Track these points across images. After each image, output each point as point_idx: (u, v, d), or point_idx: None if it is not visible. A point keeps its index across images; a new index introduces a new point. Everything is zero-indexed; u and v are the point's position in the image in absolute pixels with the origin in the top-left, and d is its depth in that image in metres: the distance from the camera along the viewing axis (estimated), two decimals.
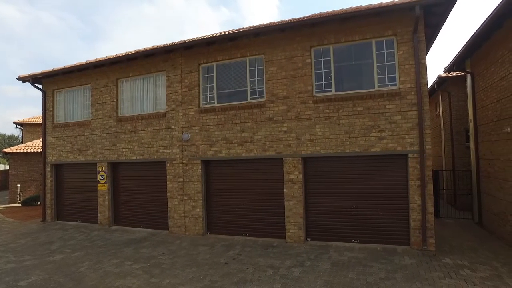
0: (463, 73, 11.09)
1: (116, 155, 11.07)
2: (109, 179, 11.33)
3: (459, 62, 10.35)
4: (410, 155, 7.70)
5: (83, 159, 11.73)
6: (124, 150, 10.93)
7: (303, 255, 7.54)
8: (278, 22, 8.78)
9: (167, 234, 10.01)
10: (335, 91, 8.38)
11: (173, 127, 10.11)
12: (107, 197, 11.24)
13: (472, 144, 10.32)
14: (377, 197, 8.12)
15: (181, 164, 9.96)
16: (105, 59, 10.78)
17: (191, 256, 7.82)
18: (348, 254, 7.51)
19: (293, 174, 8.61)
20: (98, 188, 11.45)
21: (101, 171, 11.37)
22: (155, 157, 10.38)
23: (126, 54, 10.50)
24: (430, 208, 7.51)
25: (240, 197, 9.45)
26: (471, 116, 10.27)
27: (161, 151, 10.30)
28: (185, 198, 9.87)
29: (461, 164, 12.56)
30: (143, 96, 10.89)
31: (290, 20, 8.69)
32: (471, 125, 10.30)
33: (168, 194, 10.15)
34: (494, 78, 8.48)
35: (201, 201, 9.68)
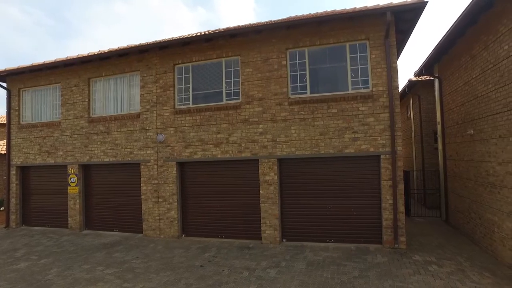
0: (431, 77, 11.57)
1: (88, 157, 10.70)
2: (81, 181, 10.92)
3: (427, 67, 10.79)
4: (382, 156, 7.92)
5: (52, 161, 11.25)
6: (96, 151, 10.58)
7: (278, 256, 7.59)
8: (254, 23, 8.82)
9: (141, 237, 9.77)
10: (310, 93, 8.51)
11: (147, 128, 9.91)
12: (78, 201, 10.83)
13: (440, 146, 10.78)
14: (351, 198, 8.30)
15: (155, 166, 9.78)
16: (76, 58, 10.41)
17: (166, 259, 7.68)
18: (323, 254, 7.63)
19: (269, 175, 8.66)
20: (68, 191, 11.01)
21: (71, 174, 10.95)
22: (129, 159, 10.13)
23: (99, 53, 10.19)
24: (401, 208, 7.76)
25: (215, 199, 9.39)
26: (439, 119, 10.73)
27: (135, 152, 10.07)
28: (160, 200, 9.69)
29: (430, 164, 13.09)
30: (117, 96, 10.60)
31: (266, 22, 8.75)
32: (439, 127, 10.75)
33: (142, 196, 9.93)
34: (459, 82, 8.91)
35: (176, 203, 9.53)
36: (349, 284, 5.93)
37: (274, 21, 8.67)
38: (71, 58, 10.55)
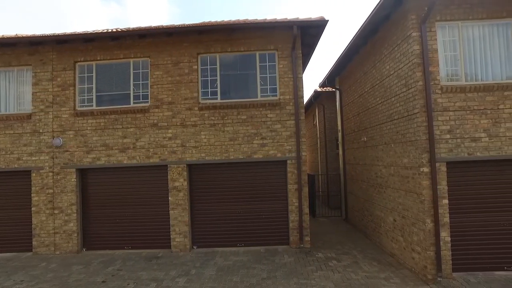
0: (333, 89, 12.74)
1: None
2: None
3: (330, 79, 11.87)
4: (288, 161, 8.39)
5: None
6: None
7: (188, 264, 7.43)
8: (165, 25, 8.54)
9: (30, 256, 8.54)
10: (221, 99, 8.60)
11: (41, 131, 8.78)
12: None
13: (340, 151, 11.92)
14: (261, 202, 8.59)
15: (51, 174, 8.70)
16: None
17: (61, 279, 6.84)
18: (233, 258, 7.71)
19: (178, 182, 8.45)
20: None
21: None
22: (16, 166, 8.80)
23: None
24: (306, 209, 8.31)
25: (122, 208, 8.77)
26: (339, 127, 11.86)
27: (24, 158, 8.80)
28: (56, 212, 8.64)
29: (333, 168, 14.32)
30: (0, 93, 9.15)
31: (178, 25, 8.58)
32: (339, 134, 11.88)
33: (33, 208, 8.71)
34: (355, 95, 10.00)
35: (75, 214, 8.61)
36: (257, 286, 6.11)
37: (186, 24, 8.55)
38: None
